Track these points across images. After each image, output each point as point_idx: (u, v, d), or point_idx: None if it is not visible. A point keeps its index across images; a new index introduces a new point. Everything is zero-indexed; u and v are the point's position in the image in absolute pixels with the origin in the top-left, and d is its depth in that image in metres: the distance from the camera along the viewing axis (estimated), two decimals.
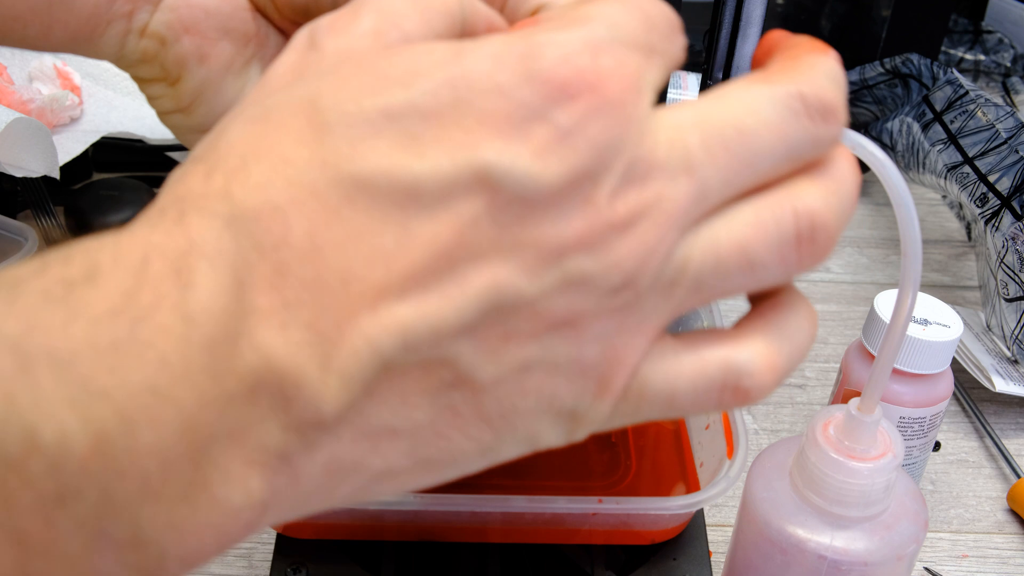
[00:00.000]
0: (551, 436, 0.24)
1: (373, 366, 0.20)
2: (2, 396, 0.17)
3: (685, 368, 0.24)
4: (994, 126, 0.65)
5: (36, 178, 0.62)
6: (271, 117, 0.21)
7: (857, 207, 0.87)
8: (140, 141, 0.73)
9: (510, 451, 0.24)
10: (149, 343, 0.18)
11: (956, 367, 0.60)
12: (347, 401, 0.20)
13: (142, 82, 0.36)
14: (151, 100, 0.36)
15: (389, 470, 0.22)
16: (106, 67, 0.76)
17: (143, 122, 0.74)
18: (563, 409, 0.23)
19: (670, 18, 0.23)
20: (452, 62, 0.21)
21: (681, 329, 0.53)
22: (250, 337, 0.19)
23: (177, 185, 0.21)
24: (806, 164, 0.24)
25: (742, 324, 0.25)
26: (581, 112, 0.21)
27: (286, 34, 0.36)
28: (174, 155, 0.73)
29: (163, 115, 0.36)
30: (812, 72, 0.23)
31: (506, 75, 0.21)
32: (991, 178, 0.63)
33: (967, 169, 0.65)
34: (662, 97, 0.51)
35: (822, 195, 0.23)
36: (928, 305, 0.48)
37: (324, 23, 0.23)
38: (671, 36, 0.23)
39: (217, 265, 0.19)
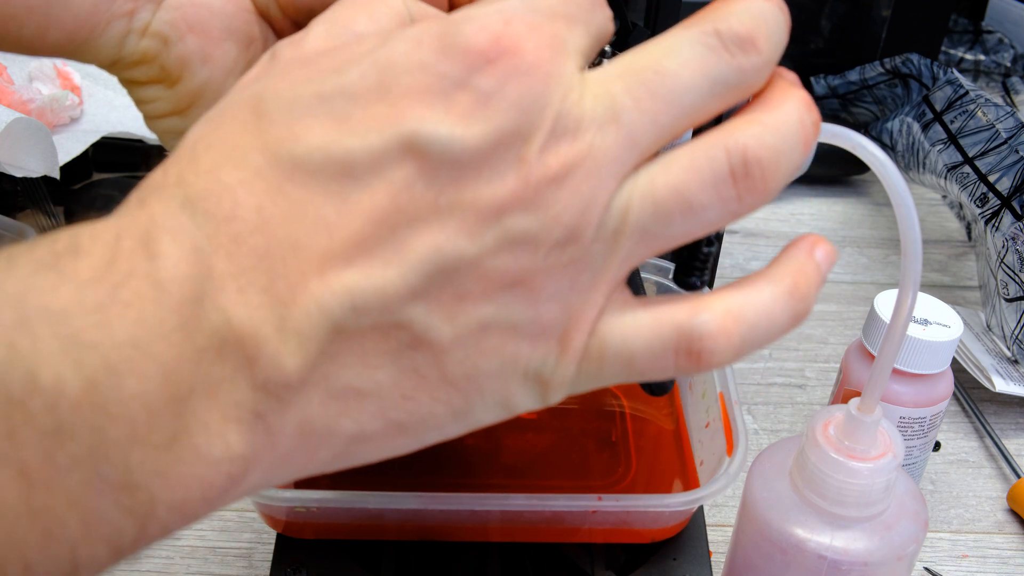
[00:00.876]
0: (523, 399, 0.25)
1: (325, 327, 0.22)
2: (6, 344, 0.20)
3: (641, 328, 0.24)
4: (994, 126, 0.65)
5: (36, 178, 0.62)
6: (223, 114, 0.23)
7: (857, 207, 0.87)
8: (140, 141, 0.73)
9: (485, 415, 0.25)
10: (128, 304, 0.20)
11: (956, 367, 0.60)
12: (305, 361, 0.22)
13: (136, 85, 0.35)
14: (143, 104, 0.36)
15: (361, 433, 0.23)
16: None
17: (143, 122, 0.74)
18: (529, 370, 0.24)
19: None
20: (379, 47, 0.23)
21: None
22: (213, 299, 0.21)
23: (143, 184, 0.23)
24: (741, 101, 0.24)
25: (710, 292, 0.25)
26: (499, 75, 0.22)
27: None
28: None
29: (155, 119, 0.36)
30: (728, 9, 0.24)
31: (426, 52, 0.22)
32: (991, 178, 0.63)
33: (967, 169, 0.65)
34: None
35: (755, 131, 0.24)
36: (928, 305, 0.48)
37: (284, 40, 0.26)
38: (592, 7, 0.24)
39: (178, 237, 0.21)
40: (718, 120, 0.24)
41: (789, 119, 0.24)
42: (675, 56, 0.23)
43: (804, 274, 0.25)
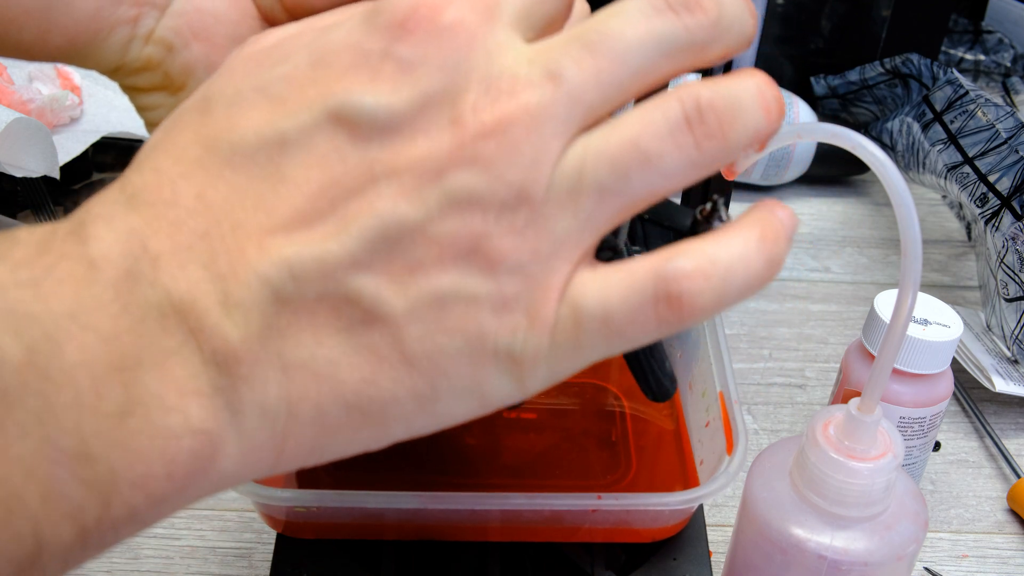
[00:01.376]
0: (497, 384, 0.24)
1: (266, 298, 0.22)
2: None
3: (615, 282, 0.23)
4: (994, 126, 0.65)
5: (36, 178, 0.62)
6: (175, 119, 0.24)
7: (857, 207, 0.87)
8: (140, 141, 0.73)
9: (456, 404, 0.24)
10: (61, 280, 0.21)
11: (956, 367, 0.60)
12: (248, 332, 0.22)
13: (139, 92, 0.35)
14: (145, 111, 0.36)
15: (324, 418, 0.23)
16: None
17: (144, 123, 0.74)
18: (499, 349, 0.23)
19: None
20: (317, 38, 0.24)
21: (681, 343, 0.53)
22: (151, 277, 0.22)
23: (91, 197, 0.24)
24: (699, 62, 0.24)
25: (679, 242, 0.24)
26: (418, 41, 0.22)
27: None
28: None
29: (156, 126, 0.36)
30: None
31: (356, 34, 0.23)
32: (991, 178, 0.63)
33: (967, 169, 0.65)
34: None
35: (710, 84, 0.24)
36: (928, 305, 0.48)
37: (253, 36, 0.26)
38: None
39: (112, 224, 0.22)
40: None
41: (747, 83, 0.24)
42: (619, 16, 0.23)
43: (771, 224, 0.25)
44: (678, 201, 0.63)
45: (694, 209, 0.27)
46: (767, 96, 0.24)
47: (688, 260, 0.23)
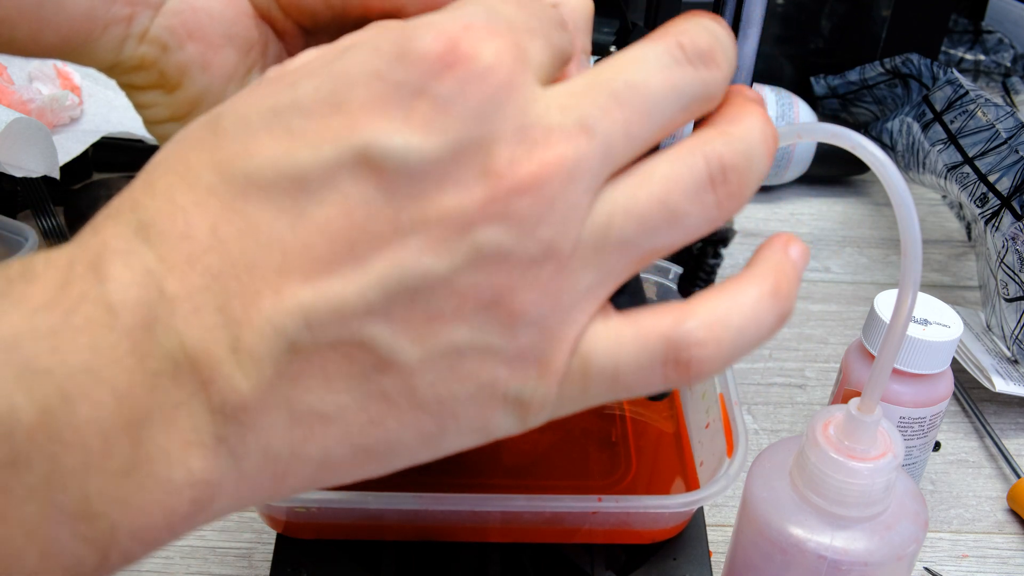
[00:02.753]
0: (502, 424, 0.24)
1: (280, 347, 0.21)
2: None
3: (627, 342, 0.23)
4: (994, 126, 0.65)
5: (36, 178, 0.62)
6: (184, 135, 0.23)
7: (857, 207, 0.87)
8: (140, 141, 0.73)
9: (460, 441, 0.24)
10: (80, 329, 0.20)
11: (956, 367, 0.60)
12: (260, 382, 0.21)
13: (135, 90, 0.35)
14: (142, 108, 0.35)
15: (328, 459, 0.23)
16: None
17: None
18: (508, 395, 0.23)
19: (549, 11, 0.24)
20: (335, 59, 0.22)
21: None
22: (167, 322, 0.21)
23: (100, 213, 0.23)
24: (705, 113, 0.25)
25: (691, 298, 0.24)
26: (458, 81, 0.21)
27: (287, 41, 0.35)
28: None
29: (154, 124, 0.35)
30: (686, 25, 0.24)
31: (382, 60, 0.21)
32: (991, 178, 0.63)
33: (967, 169, 0.65)
34: None
35: (726, 140, 0.24)
36: (928, 305, 0.48)
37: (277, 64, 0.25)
38: (553, 24, 0.24)
39: (128, 260, 0.21)
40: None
41: (754, 129, 0.24)
42: (642, 68, 0.23)
43: (784, 273, 0.25)
44: None
45: None
46: (769, 138, 0.25)
47: (700, 325, 0.23)
